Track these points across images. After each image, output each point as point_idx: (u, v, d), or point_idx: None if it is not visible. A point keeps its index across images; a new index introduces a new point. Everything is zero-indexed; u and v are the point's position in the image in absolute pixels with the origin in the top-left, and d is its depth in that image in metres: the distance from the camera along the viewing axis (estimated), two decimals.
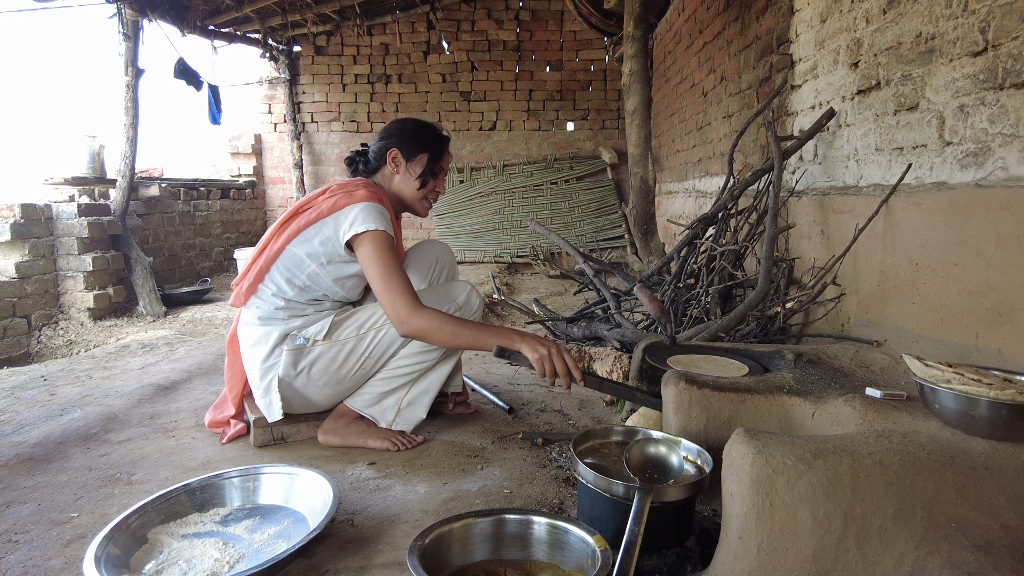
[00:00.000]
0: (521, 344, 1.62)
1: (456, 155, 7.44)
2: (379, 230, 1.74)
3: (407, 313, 1.69)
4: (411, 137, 1.94)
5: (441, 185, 2.00)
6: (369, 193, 1.81)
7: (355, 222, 1.75)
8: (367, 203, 1.77)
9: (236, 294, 1.89)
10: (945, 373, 1.17)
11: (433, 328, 1.68)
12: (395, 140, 1.93)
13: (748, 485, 1.03)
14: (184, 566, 1.23)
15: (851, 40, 2.17)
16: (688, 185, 4.87)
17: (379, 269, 1.72)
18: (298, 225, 1.81)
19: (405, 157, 1.92)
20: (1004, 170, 1.50)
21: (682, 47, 4.97)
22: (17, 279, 4.19)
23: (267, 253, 1.83)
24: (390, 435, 1.85)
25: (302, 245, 1.81)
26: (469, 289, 1.94)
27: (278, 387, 1.79)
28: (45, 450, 1.86)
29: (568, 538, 1.19)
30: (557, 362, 1.58)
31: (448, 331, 1.68)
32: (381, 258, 1.73)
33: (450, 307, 1.86)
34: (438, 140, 1.96)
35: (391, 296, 1.70)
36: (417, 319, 1.68)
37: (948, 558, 0.92)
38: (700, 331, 2.26)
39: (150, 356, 3.11)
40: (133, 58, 4.82)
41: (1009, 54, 1.46)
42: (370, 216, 1.75)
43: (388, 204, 1.89)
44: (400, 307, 1.69)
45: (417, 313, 1.68)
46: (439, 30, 7.28)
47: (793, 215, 2.66)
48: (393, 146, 1.92)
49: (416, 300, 1.71)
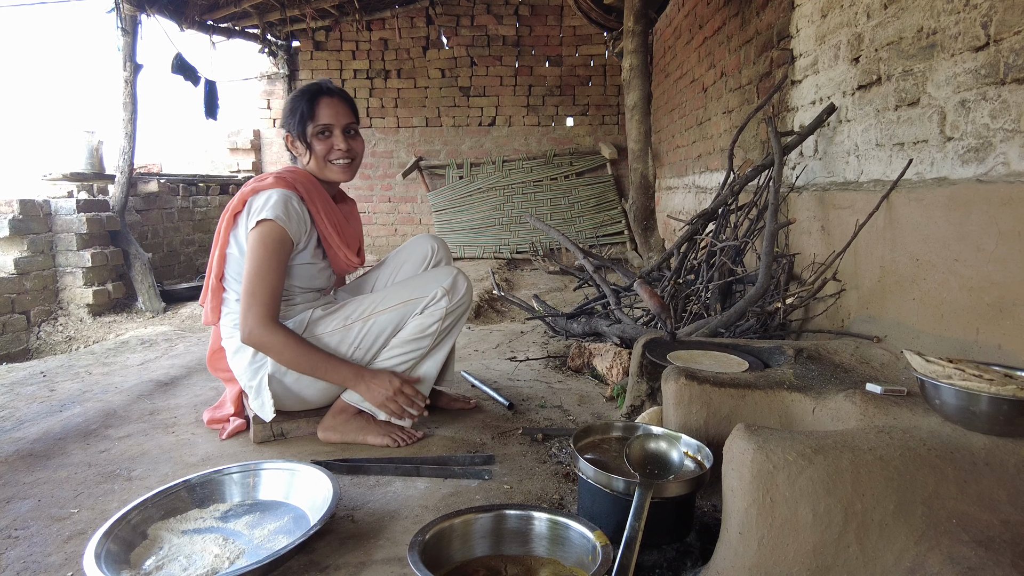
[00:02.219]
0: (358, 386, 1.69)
1: (455, 151, 7.43)
2: (268, 220, 1.66)
3: (256, 323, 1.64)
4: (289, 113, 1.81)
5: (339, 141, 1.81)
6: (277, 179, 1.73)
7: (253, 211, 1.70)
8: (271, 190, 1.70)
9: (205, 312, 1.89)
10: (946, 369, 1.17)
11: (280, 347, 1.65)
12: (284, 122, 1.83)
13: (749, 481, 1.03)
14: (184, 562, 1.23)
15: (852, 35, 2.16)
16: (688, 181, 4.87)
17: (254, 268, 1.66)
18: (226, 224, 1.78)
19: (294, 135, 1.81)
20: (1005, 165, 1.49)
21: (682, 42, 4.96)
22: (16, 275, 4.18)
23: (215, 263, 1.82)
24: (390, 431, 1.83)
25: (234, 245, 1.78)
26: (455, 273, 1.85)
27: (268, 385, 1.77)
28: (45, 446, 1.86)
29: (569, 533, 1.19)
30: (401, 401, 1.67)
31: (291, 353, 1.66)
32: (259, 255, 1.66)
33: (436, 291, 1.80)
34: (307, 97, 1.79)
35: (250, 300, 1.65)
36: (265, 333, 1.64)
37: (948, 553, 0.92)
38: (700, 327, 2.26)
39: (149, 352, 3.11)
40: (131, 53, 4.81)
41: (1011, 49, 1.46)
42: (268, 203, 1.67)
43: (312, 188, 1.80)
44: (252, 315, 1.65)
45: (268, 328, 1.65)
46: (438, 25, 7.26)
47: (793, 211, 2.66)
48: (285, 131, 1.82)
49: (273, 315, 1.66)
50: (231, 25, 6.43)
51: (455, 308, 1.83)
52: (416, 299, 1.80)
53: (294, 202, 1.73)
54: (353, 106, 1.87)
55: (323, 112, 1.78)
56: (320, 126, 1.79)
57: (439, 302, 1.80)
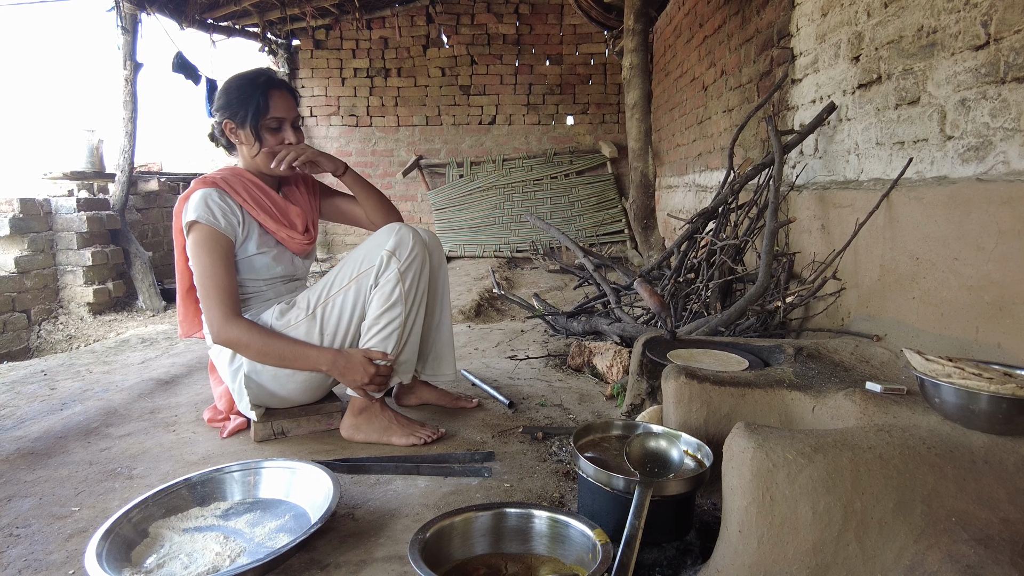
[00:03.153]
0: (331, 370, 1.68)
1: (455, 149, 7.43)
2: (195, 223, 1.66)
3: (218, 321, 1.64)
4: (237, 102, 1.73)
5: (290, 135, 1.78)
6: (196, 183, 1.73)
7: (186, 214, 1.70)
8: (198, 191, 1.70)
9: (181, 324, 1.91)
10: (945, 367, 1.17)
11: (244, 340, 1.65)
12: (224, 110, 1.75)
13: (748, 479, 1.03)
14: (185, 560, 1.23)
15: (852, 34, 2.16)
16: (688, 179, 4.87)
17: (199, 272, 1.66)
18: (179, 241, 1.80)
19: (238, 124, 1.75)
20: (1005, 164, 1.49)
21: (682, 41, 4.95)
22: (16, 274, 4.18)
23: (181, 275, 1.84)
24: (414, 429, 1.81)
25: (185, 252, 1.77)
26: (396, 230, 1.73)
27: (246, 387, 1.76)
28: (45, 444, 1.86)
29: (569, 532, 1.20)
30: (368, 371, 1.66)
31: (258, 344, 1.65)
32: (200, 259, 1.66)
33: (381, 256, 1.72)
34: (258, 89, 1.73)
35: (207, 303, 1.66)
36: (228, 330, 1.64)
37: (948, 552, 0.92)
38: (700, 325, 2.26)
39: (150, 351, 3.11)
40: (132, 52, 4.81)
41: (1011, 48, 1.46)
42: (190, 207, 1.68)
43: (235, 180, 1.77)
44: (214, 316, 1.65)
45: (230, 323, 1.64)
46: (438, 24, 7.25)
47: (793, 209, 2.66)
48: (226, 117, 1.76)
49: (231, 310, 1.65)
50: (231, 24, 6.43)
51: (408, 266, 1.73)
52: (365, 272, 1.74)
53: (214, 197, 1.70)
54: (298, 99, 1.86)
55: (276, 105, 1.75)
56: (273, 119, 1.76)
57: (389, 267, 1.72)
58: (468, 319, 4.02)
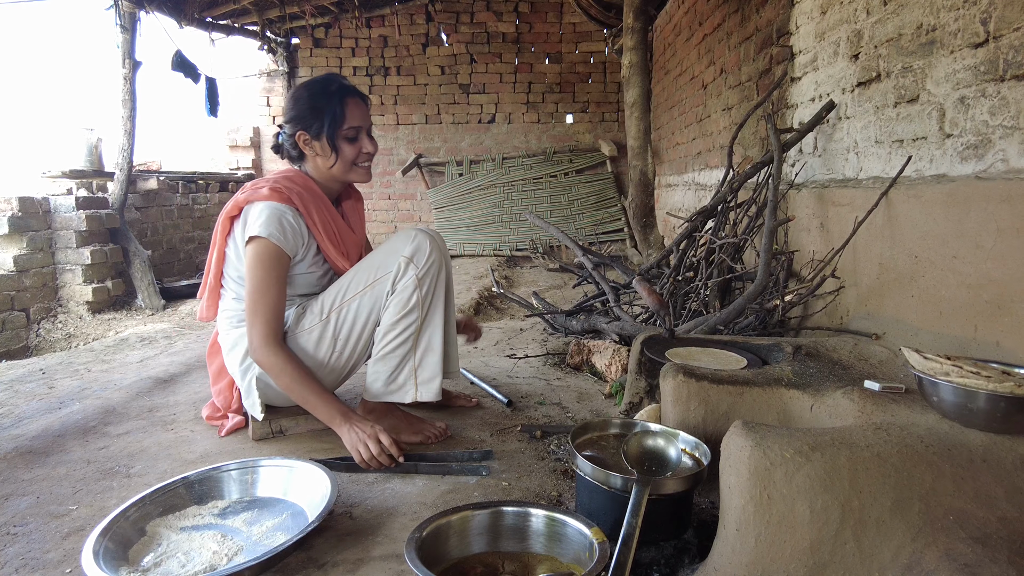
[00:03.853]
0: (340, 426, 1.62)
1: (455, 148, 7.43)
2: (261, 238, 1.64)
3: (259, 342, 1.64)
4: (308, 111, 1.73)
5: (367, 144, 1.77)
6: (272, 191, 1.69)
7: (248, 224, 1.68)
8: (265, 203, 1.67)
9: (200, 308, 1.89)
10: (944, 366, 1.17)
11: (277, 370, 1.64)
12: (297, 123, 1.74)
13: (746, 478, 1.03)
14: (183, 558, 1.23)
15: (851, 32, 2.15)
16: (687, 178, 4.87)
17: (253, 286, 1.65)
18: (223, 226, 1.77)
19: (313, 136, 1.74)
20: (1004, 162, 1.49)
21: (682, 39, 4.95)
22: (15, 272, 4.18)
23: (214, 262, 1.82)
24: (423, 428, 1.82)
25: (232, 247, 1.77)
26: (414, 236, 1.73)
27: (256, 386, 1.76)
28: (44, 443, 1.86)
29: (566, 530, 1.19)
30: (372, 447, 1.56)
31: (287, 380, 1.64)
32: (256, 274, 1.65)
33: (399, 263, 1.71)
34: (333, 97, 1.72)
35: (253, 320, 1.65)
36: (266, 354, 1.63)
37: (945, 550, 0.92)
38: (699, 324, 2.26)
39: (149, 349, 3.11)
40: (130, 50, 4.80)
41: (1010, 45, 1.45)
42: (260, 219, 1.65)
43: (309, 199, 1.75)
44: (256, 334, 1.64)
45: (269, 348, 1.63)
46: (438, 22, 7.24)
47: (792, 208, 2.65)
48: (298, 129, 1.74)
49: (275, 333, 1.65)
50: (230, 22, 6.42)
51: (426, 272, 1.72)
52: (381, 278, 1.73)
53: (289, 217, 1.69)
54: (369, 104, 1.84)
55: (352, 114, 1.73)
56: (351, 129, 1.74)
57: (406, 273, 1.71)
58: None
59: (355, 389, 2.31)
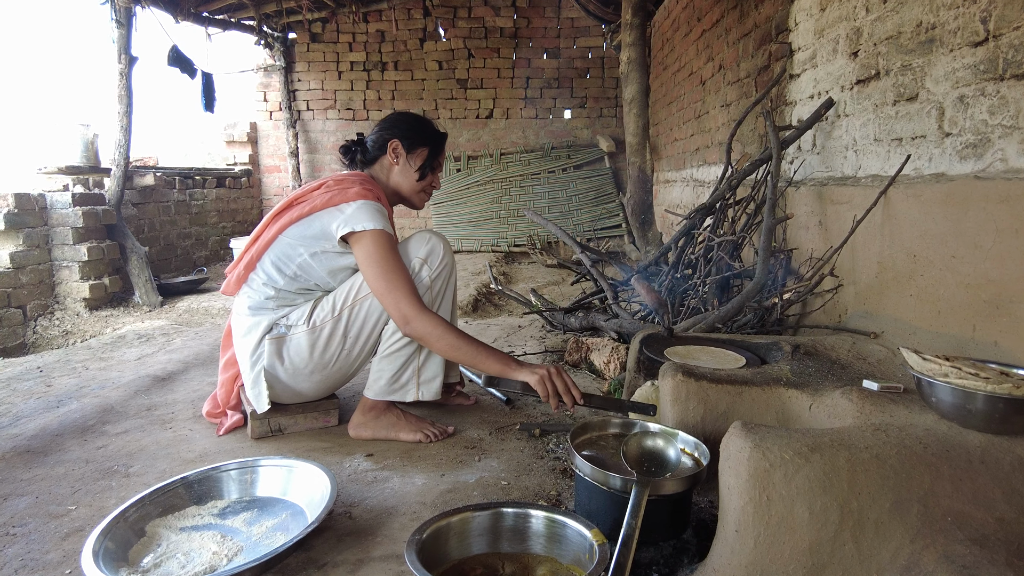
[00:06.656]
0: (519, 371, 1.61)
1: (453, 143, 7.40)
2: (378, 229, 1.73)
3: (413, 314, 1.68)
4: (413, 130, 1.95)
5: (437, 180, 2.03)
6: (364, 190, 1.80)
7: (351, 220, 1.73)
8: (363, 201, 1.77)
9: (228, 282, 1.90)
10: (942, 367, 1.17)
11: (436, 335, 1.67)
12: (397, 131, 1.93)
13: (745, 479, 1.03)
14: (182, 559, 1.23)
15: (851, 29, 2.15)
16: (686, 174, 4.86)
17: (380, 270, 1.71)
18: (291, 217, 1.80)
19: (406, 149, 1.93)
20: (1003, 162, 1.49)
21: (680, 35, 4.94)
22: (12, 269, 4.17)
23: (260, 242, 1.84)
24: (421, 427, 1.85)
25: (294, 236, 1.80)
26: (428, 239, 1.85)
27: (264, 378, 1.79)
28: (42, 442, 1.86)
29: (565, 531, 1.20)
30: (558, 382, 1.57)
31: (448, 342, 1.67)
32: (383, 258, 1.71)
33: (413, 264, 1.80)
34: (438, 135, 1.99)
35: (395, 297, 1.69)
36: (421, 322, 1.67)
37: (944, 551, 0.93)
38: (697, 322, 2.26)
39: (146, 347, 3.11)
40: (126, 45, 4.77)
41: (1010, 44, 1.45)
42: (367, 214, 1.74)
43: (384, 198, 1.88)
44: (405, 307, 1.68)
45: (423, 316, 1.68)
46: (435, 17, 7.21)
47: (791, 205, 2.65)
48: (395, 137, 1.92)
49: (420, 302, 1.70)
50: (227, 17, 6.38)
51: (438, 274, 1.83)
52: None
53: (384, 214, 1.81)
54: None
55: (443, 155, 2.02)
56: (439, 163, 2.00)
57: (420, 274, 1.80)
58: (466, 314, 4.02)
59: (354, 387, 2.31)
